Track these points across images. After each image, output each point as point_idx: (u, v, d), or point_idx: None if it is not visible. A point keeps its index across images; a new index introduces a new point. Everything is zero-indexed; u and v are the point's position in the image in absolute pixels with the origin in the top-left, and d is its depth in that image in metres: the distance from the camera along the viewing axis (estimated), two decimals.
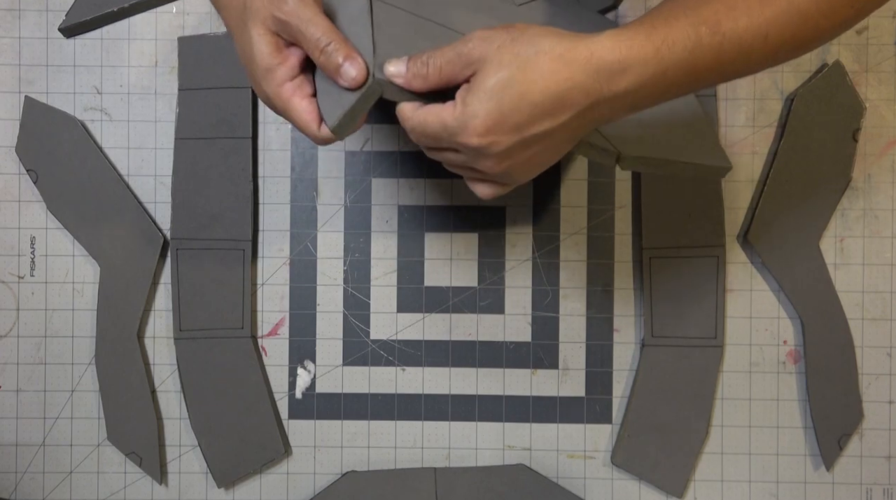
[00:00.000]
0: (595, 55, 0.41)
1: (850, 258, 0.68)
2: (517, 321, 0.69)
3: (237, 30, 0.47)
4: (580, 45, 0.41)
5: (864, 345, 0.68)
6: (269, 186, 0.69)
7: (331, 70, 0.44)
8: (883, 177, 0.68)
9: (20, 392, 0.69)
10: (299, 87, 0.46)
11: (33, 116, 0.68)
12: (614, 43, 0.42)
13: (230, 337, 0.68)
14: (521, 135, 0.42)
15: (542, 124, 0.42)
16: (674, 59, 0.42)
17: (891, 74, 0.68)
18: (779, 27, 0.43)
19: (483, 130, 0.42)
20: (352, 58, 0.43)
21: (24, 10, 0.69)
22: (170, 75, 0.69)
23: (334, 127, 0.45)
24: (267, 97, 0.47)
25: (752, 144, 0.69)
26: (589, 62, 0.41)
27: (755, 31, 0.43)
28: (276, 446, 0.68)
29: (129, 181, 0.69)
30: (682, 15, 0.43)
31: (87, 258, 0.69)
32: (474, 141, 0.42)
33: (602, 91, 0.42)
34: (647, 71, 0.42)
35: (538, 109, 0.41)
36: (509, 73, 0.41)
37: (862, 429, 0.68)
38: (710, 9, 0.43)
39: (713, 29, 0.43)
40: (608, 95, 0.42)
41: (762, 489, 0.68)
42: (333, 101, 0.45)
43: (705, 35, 0.43)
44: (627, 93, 0.42)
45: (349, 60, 0.43)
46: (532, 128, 0.42)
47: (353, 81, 0.43)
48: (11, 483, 0.69)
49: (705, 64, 0.43)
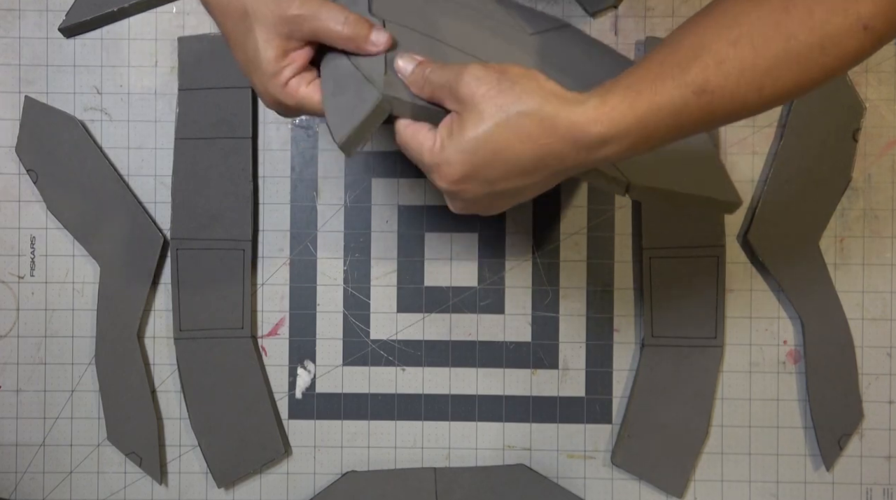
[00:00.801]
0: (576, 127, 0.40)
1: (850, 258, 0.68)
2: (517, 321, 0.69)
3: (238, 37, 0.46)
4: (562, 114, 0.40)
5: (864, 345, 0.68)
6: (269, 186, 0.69)
7: (360, 40, 0.44)
8: (883, 177, 0.68)
9: (20, 392, 0.69)
10: (304, 78, 0.46)
11: (33, 116, 0.68)
12: (597, 114, 0.40)
13: (230, 337, 0.68)
14: (491, 188, 0.42)
15: (514, 182, 0.42)
16: (658, 123, 0.41)
17: (891, 74, 0.68)
18: (774, 77, 0.41)
19: (454, 178, 0.42)
20: (376, 27, 0.45)
21: (24, 10, 0.69)
22: (170, 75, 0.69)
23: (342, 143, 0.44)
24: (275, 100, 0.47)
25: (752, 144, 0.69)
26: (569, 133, 0.40)
27: (748, 85, 0.41)
28: (276, 446, 0.68)
29: (129, 181, 0.69)
30: (668, 76, 0.41)
31: (87, 258, 0.69)
32: (443, 185, 0.43)
33: (580, 159, 0.41)
34: (627, 142, 0.41)
35: (512, 168, 0.41)
36: (488, 127, 0.41)
37: (862, 429, 0.68)
38: (698, 67, 0.41)
39: (701, 89, 0.41)
40: (588, 162, 0.42)
41: (762, 489, 0.68)
42: (342, 117, 0.45)
43: (692, 97, 0.41)
44: (608, 158, 0.42)
45: (374, 30, 0.44)
46: (503, 184, 0.42)
47: (384, 45, 0.44)
48: (11, 483, 0.69)
49: (693, 121, 0.42)
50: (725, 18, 0.42)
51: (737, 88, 0.41)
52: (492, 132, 0.40)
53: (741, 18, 0.41)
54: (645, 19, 0.68)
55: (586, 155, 0.41)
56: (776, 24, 0.40)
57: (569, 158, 0.41)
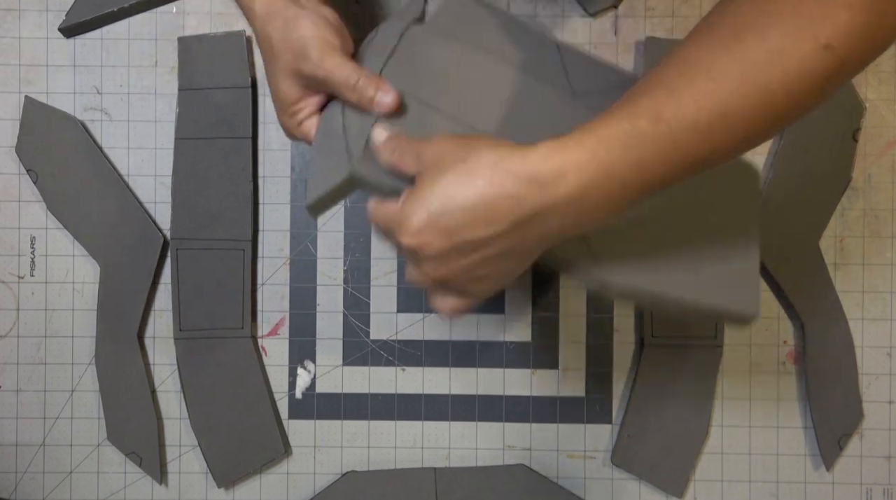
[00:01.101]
0: (528, 163, 0.40)
1: (850, 258, 0.68)
2: (517, 321, 0.69)
3: (267, 70, 0.50)
4: (515, 155, 0.40)
5: (864, 345, 0.68)
6: (269, 186, 0.69)
7: (365, 103, 0.46)
8: (883, 177, 0.68)
9: (20, 392, 0.69)
10: (317, 119, 0.49)
11: (33, 116, 0.68)
12: (549, 151, 0.40)
13: (230, 337, 0.68)
14: (451, 240, 0.41)
15: (473, 231, 0.41)
16: (614, 157, 0.40)
17: (891, 74, 0.68)
18: (736, 102, 0.40)
19: (414, 230, 0.41)
20: (382, 88, 0.46)
21: (24, 10, 0.69)
22: (170, 75, 0.69)
23: (308, 206, 0.47)
24: (290, 133, 0.51)
25: None
26: (522, 170, 0.40)
27: (709, 111, 0.40)
28: (276, 446, 0.68)
29: (129, 181, 0.69)
30: (617, 110, 0.41)
31: (87, 258, 0.69)
32: (406, 240, 0.42)
33: (539, 199, 0.40)
34: (585, 175, 0.40)
35: (467, 213, 0.40)
36: (445, 176, 0.41)
37: (862, 429, 0.68)
38: (648, 98, 0.40)
39: (655, 118, 0.40)
40: (548, 202, 0.40)
41: (762, 489, 0.68)
42: (316, 181, 0.47)
43: (646, 127, 0.40)
44: (571, 199, 0.40)
45: (381, 91, 0.46)
46: (462, 233, 0.41)
47: (387, 107, 0.46)
48: (11, 483, 0.69)
49: (657, 157, 0.40)
50: (681, 53, 0.42)
51: (697, 116, 0.40)
52: (447, 180, 0.41)
53: (692, 51, 0.41)
54: (645, 19, 0.68)
55: (545, 193, 0.40)
56: (728, 50, 0.40)
57: (527, 199, 0.40)
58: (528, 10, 0.68)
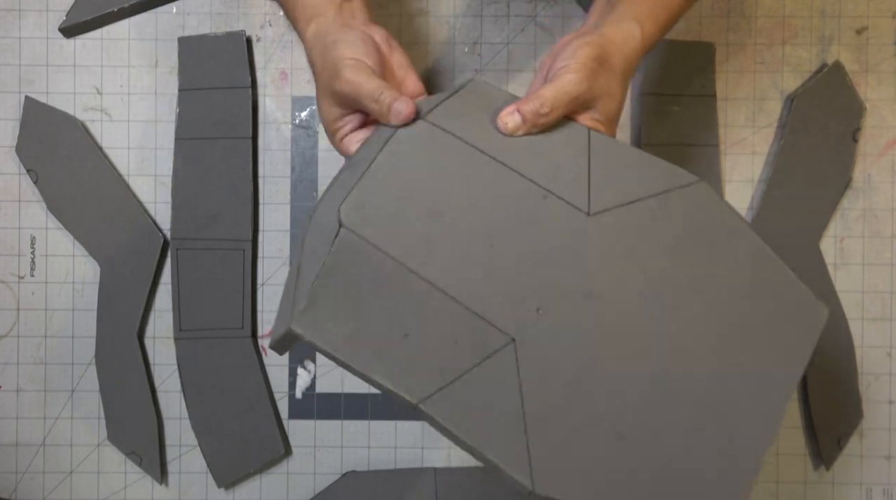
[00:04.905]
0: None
1: (850, 258, 0.68)
2: None
3: (316, 88, 0.53)
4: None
5: (864, 345, 0.68)
6: (269, 186, 0.69)
7: (383, 113, 0.47)
8: (883, 177, 0.68)
9: (20, 392, 0.69)
10: (356, 137, 0.51)
11: (33, 116, 0.68)
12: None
13: (230, 337, 0.68)
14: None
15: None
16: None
17: (891, 74, 0.68)
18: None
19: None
20: (401, 99, 0.47)
21: (24, 10, 0.69)
22: (170, 75, 0.69)
23: (270, 346, 0.46)
24: (335, 146, 0.53)
25: (752, 144, 0.69)
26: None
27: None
28: (276, 446, 0.68)
29: (129, 181, 0.69)
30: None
31: (87, 258, 0.69)
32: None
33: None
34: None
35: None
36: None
37: (862, 429, 0.68)
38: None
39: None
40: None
41: (762, 489, 0.68)
42: (277, 322, 0.47)
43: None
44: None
45: (398, 101, 0.47)
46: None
47: (401, 117, 0.47)
48: (11, 483, 0.69)
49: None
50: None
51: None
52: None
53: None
54: None
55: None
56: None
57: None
58: (527, 11, 0.68)
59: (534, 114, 0.47)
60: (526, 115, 0.47)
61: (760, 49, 0.68)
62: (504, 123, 0.47)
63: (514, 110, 0.47)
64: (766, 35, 0.68)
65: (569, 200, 0.45)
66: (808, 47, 0.68)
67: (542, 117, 0.47)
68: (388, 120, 0.47)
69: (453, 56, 0.69)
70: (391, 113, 0.47)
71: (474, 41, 0.69)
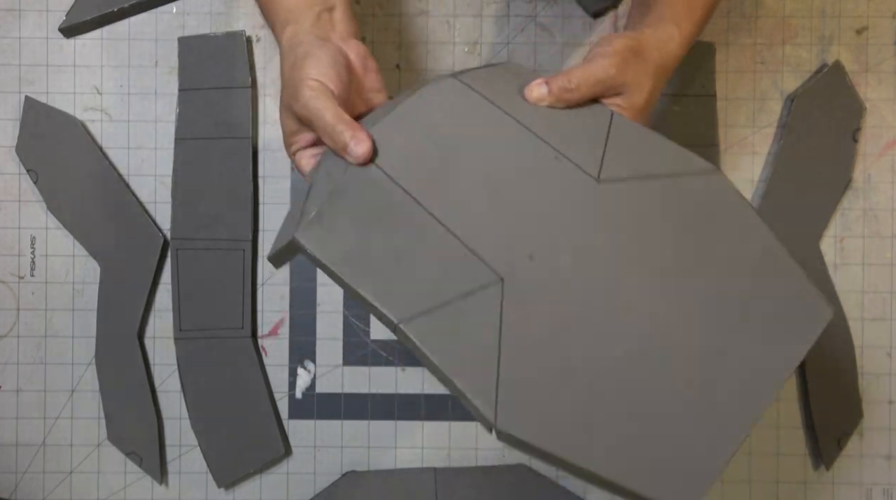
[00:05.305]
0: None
1: (850, 258, 0.68)
2: None
3: (281, 90, 0.52)
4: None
5: (864, 345, 0.68)
6: (269, 186, 0.69)
7: (338, 149, 0.46)
8: (883, 177, 0.68)
9: (20, 392, 0.69)
10: (308, 153, 0.51)
11: (33, 116, 0.68)
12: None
13: (230, 337, 0.68)
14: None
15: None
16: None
17: (891, 74, 0.68)
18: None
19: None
20: (357, 138, 0.46)
21: (24, 10, 0.69)
22: (170, 75, 0.69)
23: (269, 257, 0.47)
24: (290, 158, 0.53)
25: (752, 144, 0.69)
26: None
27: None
28: (276, 446, 0.68)
29: (129, 181, 0.69)
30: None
31: (87, 258, 0.69)
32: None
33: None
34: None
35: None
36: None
37: (862, 429, 0.68)
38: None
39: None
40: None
41: (762, 489, 0.68)
42: (280, 234, 0.48)
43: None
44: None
45: (354, 140, 0.45)
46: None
47: (358, 158, 0.45)
48: (11, 483, 0.69)
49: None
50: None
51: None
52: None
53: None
54: None
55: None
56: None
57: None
58: (527, 11, 0.68)
59: (560, 88, 0.49)
60: (553, 88, 0.49)
61: (760, 49, 0.68)
62: (531, 90, 0.49)
63: (542, 82, 0.49)
64: (766, 35, 0.68)
65: (580, 165, 0.46)
66: (808, 47, 0.68)
67: (568, 93, 0.49)
68: (343, 157, 0.46)
69: (453, 56, 0.69)
70: (347, 153, 0.46)
71: (474, 41, 0.69)
